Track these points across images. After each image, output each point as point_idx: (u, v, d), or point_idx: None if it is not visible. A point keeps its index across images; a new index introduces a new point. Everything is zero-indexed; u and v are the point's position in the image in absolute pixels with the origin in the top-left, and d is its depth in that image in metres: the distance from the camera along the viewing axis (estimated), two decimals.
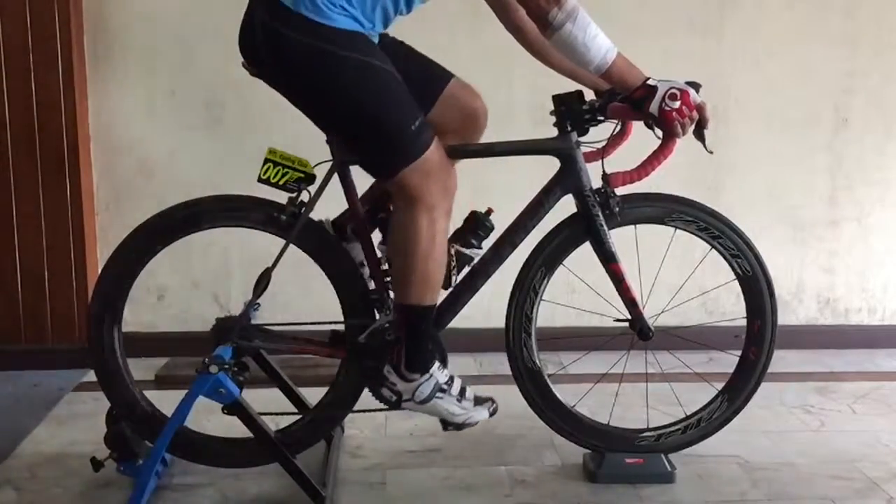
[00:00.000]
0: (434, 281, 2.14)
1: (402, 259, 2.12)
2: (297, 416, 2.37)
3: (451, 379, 2.24)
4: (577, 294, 2.87)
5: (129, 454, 2.25)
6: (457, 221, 2.30)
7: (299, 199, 2.21)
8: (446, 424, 2.25)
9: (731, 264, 2.36)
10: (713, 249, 2.37)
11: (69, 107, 3.12)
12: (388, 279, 2.25)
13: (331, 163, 2.21)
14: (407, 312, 2.15)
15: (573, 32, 1.99)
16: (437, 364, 2.22)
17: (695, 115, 2.10)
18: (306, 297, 2.95)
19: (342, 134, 2.13)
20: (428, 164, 2.05)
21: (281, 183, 2.19)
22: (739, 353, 2.42)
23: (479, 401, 2.27)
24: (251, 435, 2.24)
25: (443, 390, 2.21)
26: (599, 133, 2.29)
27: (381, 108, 2.03)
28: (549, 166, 2.29)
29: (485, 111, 2.32)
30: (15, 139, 3.11)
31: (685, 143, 2.16)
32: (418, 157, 2.04)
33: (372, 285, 2.28)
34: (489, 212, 2.33)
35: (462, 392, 2.25)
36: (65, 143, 3.13)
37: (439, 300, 2.23)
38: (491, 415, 2.27)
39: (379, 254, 2.29)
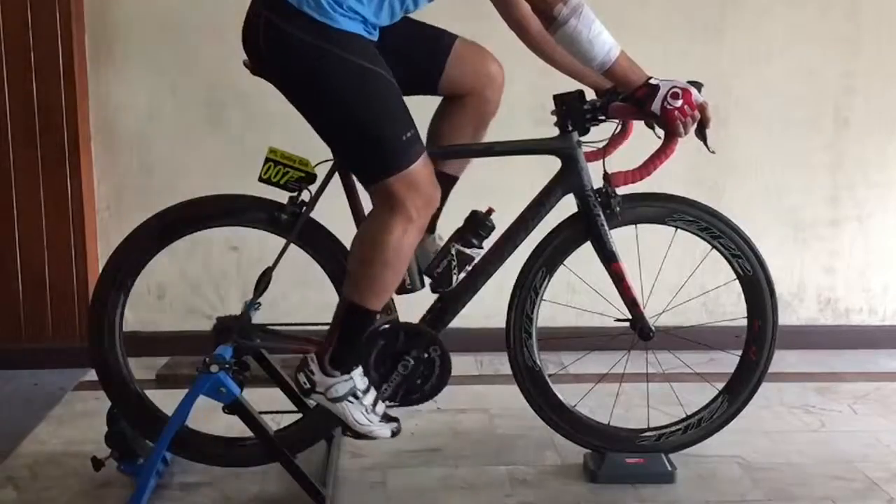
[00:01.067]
0: (387, 289, 2.13)
1: (363, 259, 2.10)
2: (298, 416, 2.37)
3: (368, 388, 2.21)
4: (577, 294, 2.87)
5: (130, 453, 2.25)
6: (457, 221, 2.31)
7: (300, 199, 2.21)
8: (346, 429, 2.21)
9: (731, 264, 2.36)
10: (714, 249, 2.37)
11: (70, 106, 3.12)
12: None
13: (332, 162, 2.20)
14: (350, 310, 2.14)
15: (578, 28, 1.99)
16: (359, 369, 2.19)
17: (696, 114, 2.10)
18: (306, 296, 2.96)
19: (333, 136, 2.11)
20: (414, 175, 2.04)
21: (282, 182, 2.19)
22: (740, 353, 2.42)
23: (387, 418, 2.23)
24: (252, 434, 2.24)
25: (356, 396, 2.17)
26: (600, 133, 2.29)
27: (374, 112, 2.03)
28: (549, 166, 2.29)
29: (500, 69, 2.28)
30: (16, 137, 3.11)
31: (686, 142, 2.16)
32: (406, 168, 2.03)
33: None
34: (490, 211, 2.32)
35: (374, 405, 2.20)
36: (66, 142, 3.13)
37: (428, 305, 2.23)
38: (393, 434, 2.23)
39: None
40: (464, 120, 2.26)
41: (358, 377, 2.18)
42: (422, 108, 2.19)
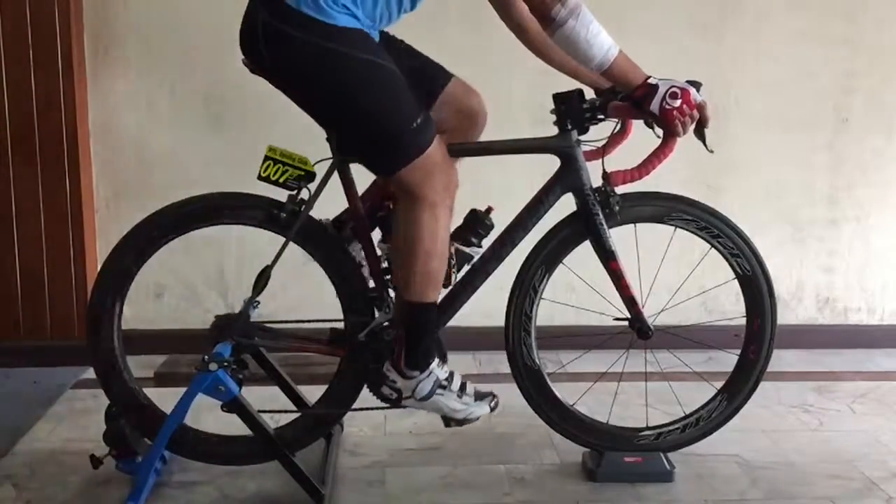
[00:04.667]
0: (436, 278, 2.14)
1: (405, 256, 2.12)
2: (297, 414, 2.37)
3: (451, 375, 2.24)
4: (576, 293, 2.87)
5: (129, 451, 2.25)
6: (456, 220, 2.30)
7: (299, 197, 2.21)
8: (448, 421, 2.25)
9: (730, 263, 2.36)
10: (713, 248, 2.37)
11: (69, 104, 3.12)
12: (388, 277, 2.25)
13: (331, 160, 2.21)
14: (409, 309, 2.15)
15: (576, 29, 1.99)
16: (436, 361, 2.22)
17: (695, 114, 2.10)
18: (305, 295, 2.95)
19: (343, 132, 2.13)
20: (429, 161, 2.05)
21: (281, 181, 2.19)
22: (739, 352, 2.42)
23: (479, 396, 2.27)
24: (250, 432, 2.24)
25: (443, 387, 2.21)
26: (600, 132, 2.29)
27: (383, 105, 2.03)
28: (549, 165, 2.29)
29: (484, 112, 2.31)
30: (15, 136, 3.11)
31: (685, 142, 2.16)
32: (420, 155, 2.04)
33: (371, 283, 2.28)
34: (489, 210, 2.33)
35: (462, 388, 2.24)
36: (64, 140, 3.13)
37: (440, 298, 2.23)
38: (492, 409, 2.27)
39: (379, 252, 2.29)
40: None
41: (437, 369, 2.21)
42: None
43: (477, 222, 2.31)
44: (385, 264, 2.28)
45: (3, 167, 3.11)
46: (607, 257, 2.29)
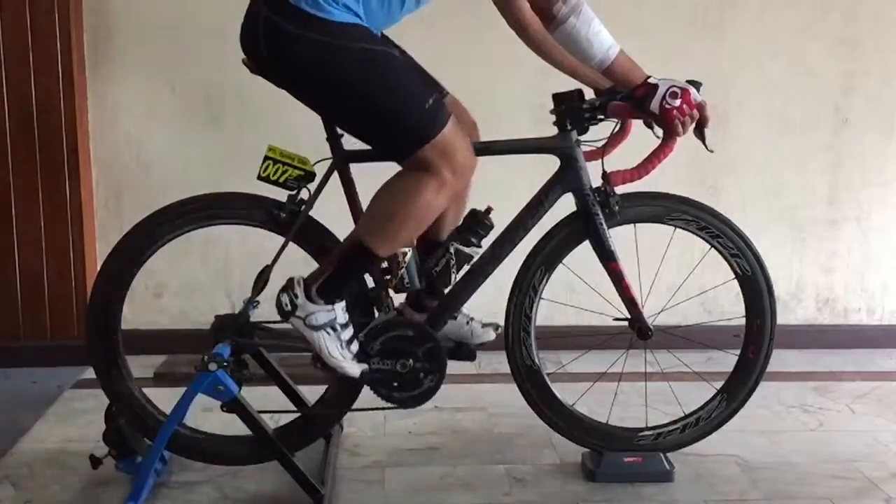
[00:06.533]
0: (400, 241, 2.11)
1: (386, 207, 2.08)
2: (296, 414, 2.37)
3: (347, 324, 2.19)
4: (576, 293, 2.87)
5: (128, 452, 2.25)
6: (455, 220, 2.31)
7: (299, 197, 2.21)
8: (316, 361, 2.18)
9: (730, 263, 2.36)
10: (712, 249, 2.37)
11: (68, 104, 3.12)
12: (388, 277, 2.24)
13: (331, 160, 2.21)
14: (356, 248, 2.12)
15: (577, 27, 2.00)
16: (342, 303, 2.17)
17: (695, 113, 2.10)
18: None
19: (354, 125, 2.11)
20: (446, 141, 2.03)
21: (280, 181, 2.19)
22: (738, 352, 2.42)
23: (359, 357, 2.21)
24: (250, 433, 2.24)
25: (334, 329, 2.15)
26: (599, 132, 2.29)
27: (392, 93, 2.02)
28: (548, 165, 2.29)
29: (477, 132, 2.31)
30: (14, 136, 3.11)
31: (685, 141, 2.17)
32: (436, 136, 2.02)
33: (371, 283, 2.28)
34: (488, 210, 2.32)
35: (350, 342, 2.19)
36: (64, 140, 3.13)
37: (433, 306, 2.23)
38: (362, 375, 2.20)
39: None
40: None
41: (340, 311, 2.16)
42: None
43: (476, 222, 2.30)
44: (385, 265, 2.27)
45: (3, 168, 3.11)
46: (607, 257, 2.29)
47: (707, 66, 3.21)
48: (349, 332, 2.19)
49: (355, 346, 2.20)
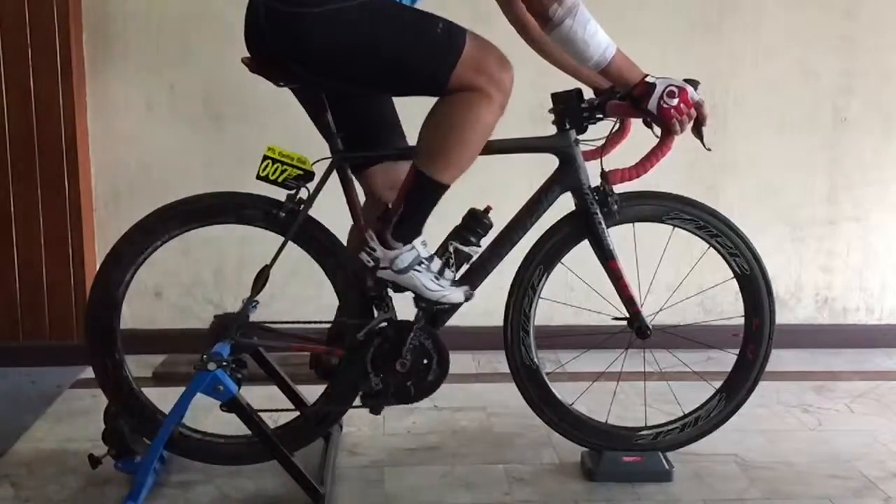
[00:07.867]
0: (461, 166, 2.09)
1: (443, 134, 2.06)
2: (295, 414, 2.37)
3: (433, 257, 2.20)
4: (575, 292, 2.87)
5: (127, 451, 2.25)
6: (455, 219, 2.30)
7: (298, 197, 2.21)
8: (419, 300, 2.19)
9: (729, 263, 2.36)
10: (711, 248, 2.37)
11: (68, 104, 3.12)
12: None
13: (330, 160, 2.21)
14: (421, 181, 2.10)
15: (573, 28, 1.99)
16: (421, 238, 2.17)
17: (693, 112, 2.10)
18: (304, 294, 2.96)
19: (380, 78, 2.09)
20: (471, 56, 2.02)
21: (280, 180, 2.19)
22: (737, 351, 2.42)
23: (456, 283, 2.22)
24: (249, 432, 2.24)
25: (422, 264, 2.16)
26: (599, 131, 2.29)
27: (399, 34, 2.02)
28: (548, 165, 2.29)
29: None
30: (13, 135, 3.11)
31: (684, 141, 2.17)
32: (460, 56, 2.01)
33: (369, 285, 2.27)
34: (487, 209, 2.32)
35: (441, 271, 2.19)
36: (63, 140, 3.13)
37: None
38: (466, 299, 2.21)
39: None
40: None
41: (420, 246, 2.17)
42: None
43: (476, 221, 2.29)
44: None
45: (2, 167, 3.11)
46: (606, 257, 2.29)
47: (706, 66, 3.22)
48: (438, 262, 2.19)
49: (449, 274, 2.20)
